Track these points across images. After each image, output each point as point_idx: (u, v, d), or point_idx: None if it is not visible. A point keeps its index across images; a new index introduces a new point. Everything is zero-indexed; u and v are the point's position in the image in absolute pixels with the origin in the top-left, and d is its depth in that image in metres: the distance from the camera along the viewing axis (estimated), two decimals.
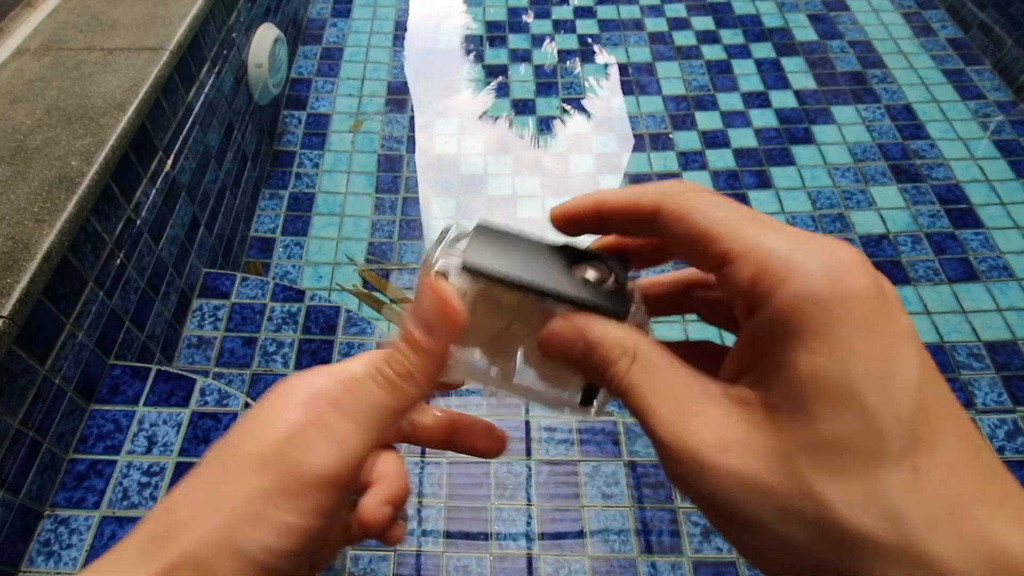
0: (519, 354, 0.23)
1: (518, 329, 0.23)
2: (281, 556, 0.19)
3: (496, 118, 2.10)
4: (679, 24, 2.39)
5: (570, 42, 2.34)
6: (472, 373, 0.24)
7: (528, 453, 1.34)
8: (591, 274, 0.22)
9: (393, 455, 0.25)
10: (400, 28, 2.39)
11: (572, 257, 0.22)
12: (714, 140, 1.99)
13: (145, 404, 1.05)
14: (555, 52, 2.31)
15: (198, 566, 0.19)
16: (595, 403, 0.23)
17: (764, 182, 1.87)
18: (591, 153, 1.99)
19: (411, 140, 2.02)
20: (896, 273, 1.65)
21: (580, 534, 1.23)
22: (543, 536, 1.22)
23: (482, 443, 0.27)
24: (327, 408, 0.21)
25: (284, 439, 0.20)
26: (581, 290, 0.21)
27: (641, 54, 2.28)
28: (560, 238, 0.24)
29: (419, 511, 1.24)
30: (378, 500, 0.23)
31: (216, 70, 1.53)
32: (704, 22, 2.39)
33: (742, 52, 2.27)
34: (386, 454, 0.25)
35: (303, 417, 0.21)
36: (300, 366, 1.30)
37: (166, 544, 0.19)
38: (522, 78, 2.22)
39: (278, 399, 0.23)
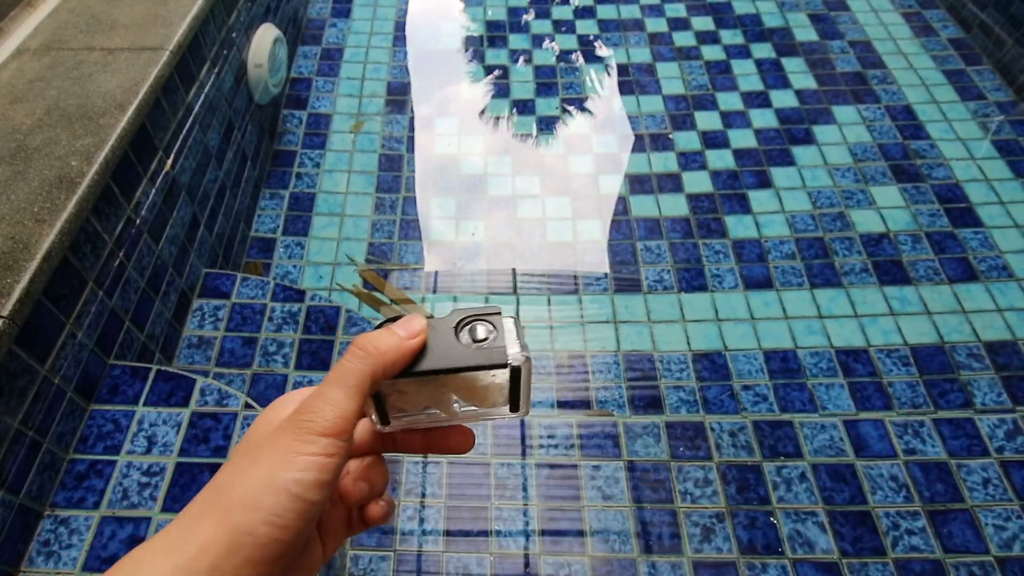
0: (454, 399, 0.32)
1: (447, 387, 0.31)
2: (306, 487, 0.26)
3: (496, 118, 2.10)
4: (679, 24, 2.39)
5: (570, 42, 2.34)
6: (427, 419, 0.33)
7: (528, 454, 1.34)
8: (481, 332, 0.30)
9: (378, 458, 0.33)
10: (400, 28, 2.39)
11: (468, 322, 0.31)
12: (714, 140, 1.99)
13: (145, 404, 1.04)
14: (555, 52, 2.31)
15: (248, 504, 0.25)
16: (520, 406, 0.32)
17: (764, 182, 1.87)
18: (591, 153, 1.99)
19: (411, 140, 2.02)
20: (896, 273, 1.65)
21: (580, 534, 1.23)
22: (543, 536, 1.22)
23: (454, 440, 0.33)
24: (320, 387, 0.28)
25: (294, 413, 0.28)
26: (474, 356, 0.30)
27: (641, 54, 2.28)
28: (463, 306, 0.34)
29: (419, 511, 1.24)
30: (353, 478, 0.31)
31: (216, 70, 1.53)
32: (704, 22, 2.39)
33: (742, 52, 2.27)
34: (373, 458, 0.33)
35: (303, 400, 0.28)
36: (300, 366, 1.30)
37: (221, 496, 0.26)
38: (522, 78, 2.22)
39: (281, 400, 0.31)
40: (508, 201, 1.87)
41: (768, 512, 1.26)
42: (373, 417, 0.32)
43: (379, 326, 0.31)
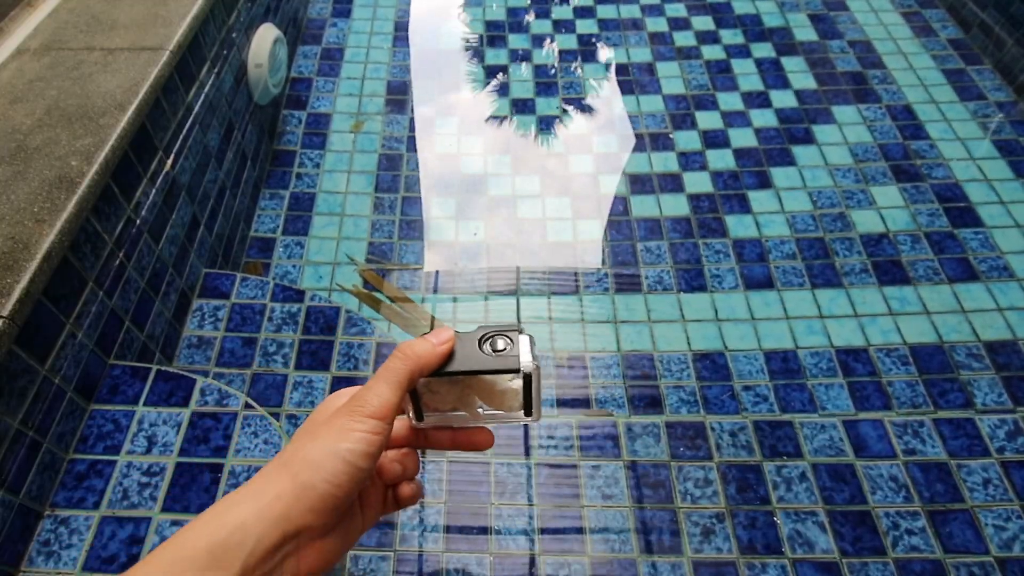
0: (477, 402, 0.39)
1: (471, 389, 0.39)
2: (356, 455, 0.34)
3: (496, 118, 2.10)
4: (679, 24, 2.39)
5: (570, 42, 2.34)
6: (455, 419, 0.40)
7: (528, 453, 1.34)
8: (500, 344, 0.37)
9: (411, 451, 0.41)
10: (400, 28, 2.39)
11: (490, 336, 0.37)
12: (714, 140, 1.99)
13: (145, 404, 1.04)
14: (555, 52, 2.31)
15: (311, 466, 0.33)
16: (533, 411, 0.38)
17: (764, 182, 1.87)
18: (591, 153, 1.99)
19: (411, 140, 2.02)
20: (896, 273, 1.65)
21: (580, 534, 1.23)
22: (543, 536, 1.22)
23: (478, 437, 0.40)
24: (369, 383, 0.36)
25: (348, 401, 0.36)
26: (493, 362, 0.36)
27: (641, 54, 2.28)
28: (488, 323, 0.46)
29: (419, 511, 1.24)
30: (390, 460, 0.40)
31: (216, 70, 1.53)
32: (704, 22, 2.39)
33: (742, 52, 2.27)
34: (408, 450, 0.41)
35: (355, 392, 0.37)
36: (300, 366, 1.30)
37: (289, 462, 0.34)
38: (522, 78, 2.22)
39: (335, 394, 0.39)
40: (508, 201, 1.87)
41: (768, 512, 1.26)
42: (410, 414, 0.39)
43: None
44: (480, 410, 0.39)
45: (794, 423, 1.39)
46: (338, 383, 1.28)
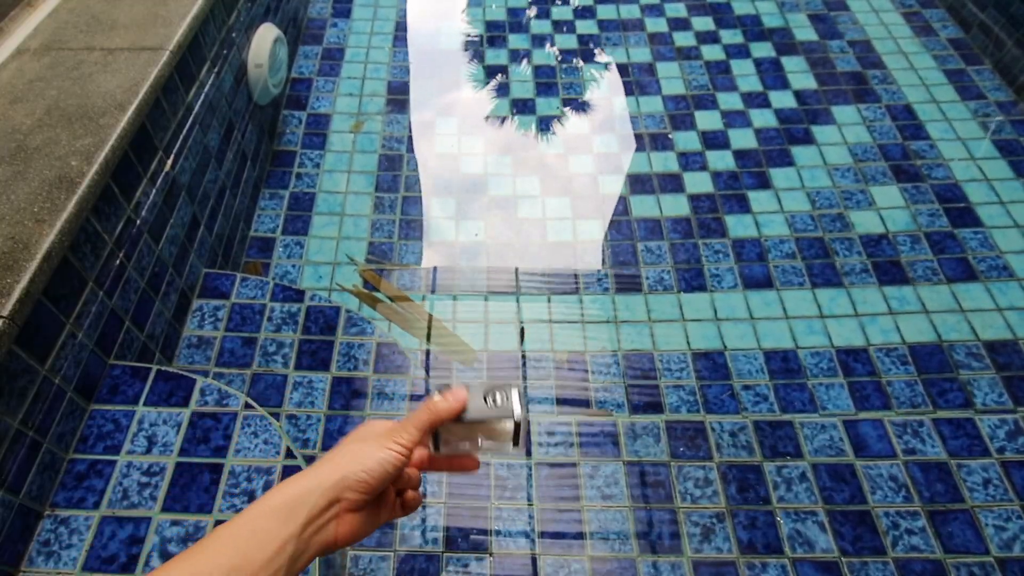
0: (480, 438, 0.54)
1: (477, 429, 0.53)
2: (386, 463, 0.48)
3: (496, 118, 2.10)
4: (679, 24, 2.39)
5: (570, 42, 2.35)
6: (462, 450, 0.54)
7: (528, 454, 1.34)
8: (498, 398, 0.52)
9: (415, 470, 0.54)
10: (400, 28, 2.39)
11: (491, 391, 0.53)
12: (714, 140, 1.99)
13: (145, 404, 1.05)
14: (555, 52, 2.31)
15: (353, 460, 0.48)
16: (520, 444, 0.53)
17: (764, 182, 1.87)
18: (591, 153, 1.99)
19: (411, 140, 2.02)
20: (895, 273, 1.65)
21: (580, 534, 1.23)
22: (543, 536, 1.22)
23: (468, 462, 0.55)
24: (404, 421, 0.51)
25: (386, 430, 0.51)
26: (495, 412, 0.52)
27: (641, 54, 2.28)
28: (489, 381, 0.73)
29: (419, 511, 1.24)
30: (407, 472, 0.53)
31: (216, 70, 1.53)
32: (704, 22, 2.39)
33: (742, 52, 2.27)
34: (412, 470, 0.54)
35: (392, 425, 0.52)
36: (300, 366, 1.30)
37: (335, 456, 0.49)
38: (522, 78, 2.22)
39: (370, 422, 0.52)
40: (508, 201, 1.87)
41: (769, 512, 1.26)
42: (430, 446, 0.53)
43: (439, 391, 0.55)
44: (480, 443, 0.54)
45: (794, 423, 1.39)
46: (338, 383, 1.28)
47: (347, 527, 0.48)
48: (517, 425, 0.53)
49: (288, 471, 0.98)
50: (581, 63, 2.27)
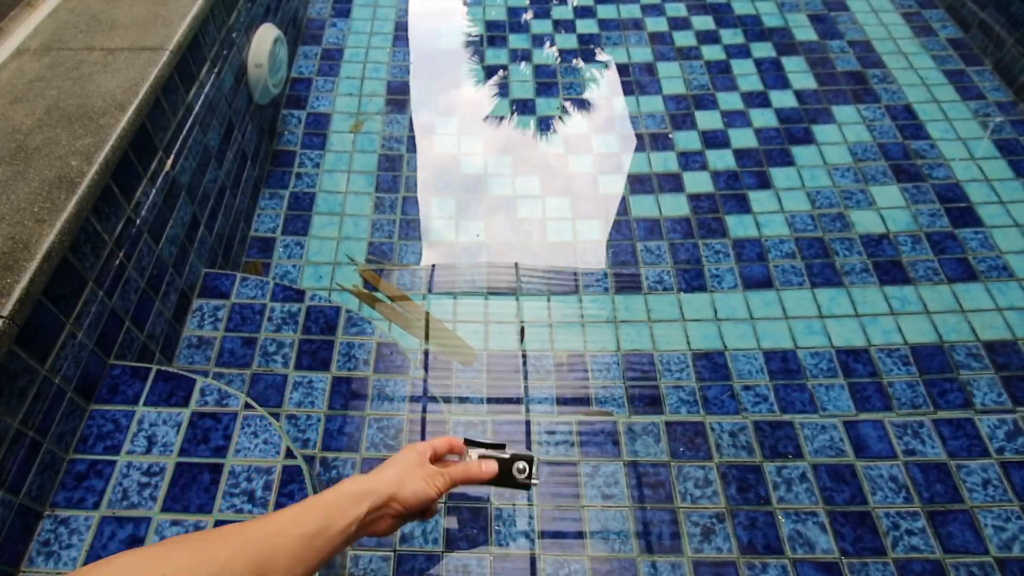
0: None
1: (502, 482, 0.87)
2: (423, 497, 0.72)
3: (496, 118, 2.10)
4: (679, 24, 2.39)
5: (570, 42, 2.34)
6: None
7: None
8: (522, 467, 0.87)
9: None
10: (400, 28, 2.39)
11: (515, 460, 0.87)
12: (714, 140, 1.99)
13: (145, 404, 1.05)
14: (555, 52, 2.31)
15: (404, 483, 0.71)
16: (532, 482, 0.87)
17: (764, 182, 1.87)
18: (591, 153, 1.99)
19: (411, 140, 2.02)
20: (896, 273, 1.65)
21: (580, 534, 1.23)
22: (542, 536, 1.22)
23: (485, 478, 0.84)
24: (447, 470, 0.79)
25: (436, 468, 0.78)
26: (518, 480, 0.87)
27: (641, 54, 2.28)
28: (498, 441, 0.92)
29: None
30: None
31: (216, 70, 1.53)
32: (704, 22, 2.39)
33: (742, 52, 2.27)
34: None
35: (432, 470, 0.77)
36: (300, 366, 1.30)
37: (384, 470, 0.73)
38: (522, 78, 2.22)
39: (412, 445, 0.79)
40: (508, 201, 1.87)
41: (768, 512, 1.26)
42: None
43: (480, 456, 0.86)
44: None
45: (794, 423, 1.39)
46: (338, 383, 1.28)
47: (385, 524, 0.70)
48: (531, 486, 0.85)
49: (288, 471, 0.98)
50: (581, 63, 2.27)
